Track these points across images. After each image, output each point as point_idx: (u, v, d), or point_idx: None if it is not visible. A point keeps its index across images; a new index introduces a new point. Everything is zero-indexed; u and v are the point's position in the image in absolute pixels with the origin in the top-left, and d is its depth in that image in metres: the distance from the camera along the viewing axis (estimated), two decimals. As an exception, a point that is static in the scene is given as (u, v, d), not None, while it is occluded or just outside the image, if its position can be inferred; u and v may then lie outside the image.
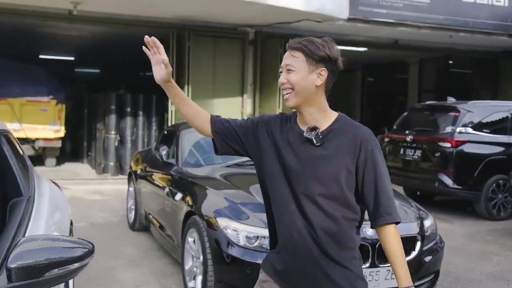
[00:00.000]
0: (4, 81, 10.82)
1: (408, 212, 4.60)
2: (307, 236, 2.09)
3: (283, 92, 2.15)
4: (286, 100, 2.14)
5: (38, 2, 9.51)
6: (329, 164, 2.08)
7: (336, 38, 10.38)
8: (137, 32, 11.38)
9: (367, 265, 3.90)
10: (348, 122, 2.18)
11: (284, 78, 2.12)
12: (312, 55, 2.13)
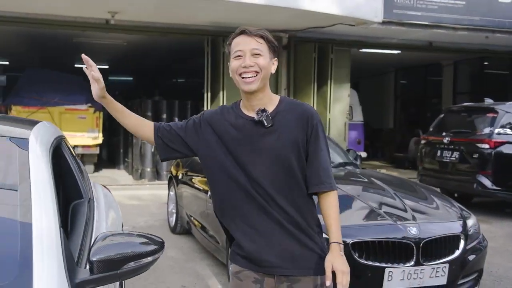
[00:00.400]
0: (44, 91, 11.19)
1: (450, 212, 4.69)
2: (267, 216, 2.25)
3: (246, 75, 2.22)
4: (249, 84, 2.22)
5: (76, 12, 9.84)
6: (281, 142, 2.24)
7: (369, 41, 10.47)
8: (172, 39, 11.71)
9: (411, 263, 3.99)
10: (292, 102, 2.35)
11: (252, 62, 2.21)
12: (272, 45, 2.29)
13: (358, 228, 4.19)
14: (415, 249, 4.02)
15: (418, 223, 4.22)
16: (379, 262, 3.96)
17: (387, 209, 4.51)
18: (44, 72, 12.29)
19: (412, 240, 4.03)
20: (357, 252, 3.96)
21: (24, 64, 17.92)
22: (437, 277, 4.07)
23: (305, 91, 11.36)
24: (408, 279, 3.98)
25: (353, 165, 6.20)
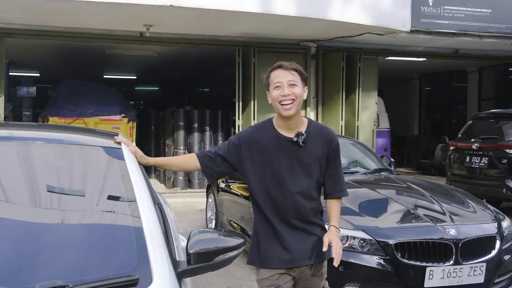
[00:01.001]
0: (79, 102, 11.60)
1: (486, 214, 4.96)
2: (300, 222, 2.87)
3: (285, 103, 2.78)
4: (288, 110, 2.78)
5: (111, 26, 10.23)
6: (311, 159, 2.86)
7: (396, 50, 10.75)
8: (203, 50, 12.09)
9: (451, 262, 4.28)
10: (317, 125, 3.00)
11: (289, 91, 2.77)
12: (304, 76, 2.87)
13: (400, 230, 4.51)
14: (454, 249, 4.31)
15: (456, 224, 4.51)
16: (420, 261, 4.26)
17: (426, 212, 4.80)
18: (79, 83, 12.72)
19: (451, 241, 4.32)
20: (399, 252, 4.26)
21: (54, 76, 18.49)
22: (475, 275, 4.35)
23: (334, 99, 11.63)
24: (448, 278, 4.27)
25: (388, 171, 6.50)
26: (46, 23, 9.86)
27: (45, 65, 16.05)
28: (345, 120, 11.62)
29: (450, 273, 4.27)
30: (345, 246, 4.36)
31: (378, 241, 4.32)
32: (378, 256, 4.30)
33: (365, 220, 4.62)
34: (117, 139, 2.76)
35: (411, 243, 4.29)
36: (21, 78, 17.28)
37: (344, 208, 4.65)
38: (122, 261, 1.97)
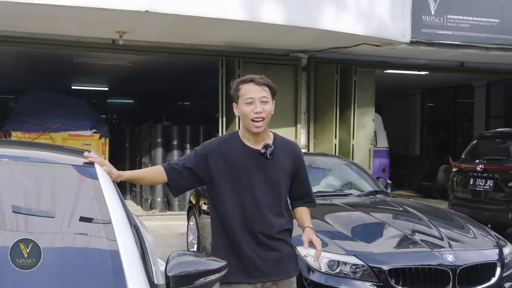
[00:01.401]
0: (46, 115, 11.72)
1: (486, 240, 5.23)
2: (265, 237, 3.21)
3: (257, 120, 3.11)
4: (259, 128, 3.13)
5: (81, 32, 10.41)
6: (278, 171, 3.24)
7: (396, 62, 11.05)
8: (182, 60, 12.32)
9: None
10: (283, 139, 3.38)
11: (261, 108, 3.11)
12: (273, 91, 3.22)
13: (394, 255, 4.75)
14: (452, 276, 4.56)
15: (454, 250, 4.76)
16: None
17: (423, 237, 5.05)
18: (45, 94, 12.83)
19: (448, 267, 4.57)
20: (393, 279, 4.50)
21: (16, 86, 18.64)
22: (473, 305, 4.59)
23: (327, 116, 11.86)
24: (445, 306, 4.50)
25: (384, 194, 6.76)
26: (13, 29, 10.03)
27: (6, 74, 16.15)
28: (340, 139, 11.84)
29: (446, 300, 4.50)
30: (336, 271, 4.59)
31: (371, 267, 4.55)
32: (371, 283, 4.52)
33: (358, 245, 4.85)
34: (88, 159, 2.89)
35: (406, 269, 4.53)
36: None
37: (336, 233, 4.96)
38: (98, 285, 2.15)
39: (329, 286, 4.57)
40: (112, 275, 2.19)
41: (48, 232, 2.48)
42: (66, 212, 2.62)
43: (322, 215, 5.40)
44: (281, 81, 11.81)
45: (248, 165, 3.19)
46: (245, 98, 3.13)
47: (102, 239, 2.42)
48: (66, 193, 2.76)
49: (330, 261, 4.63)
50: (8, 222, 2.50)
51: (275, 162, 3.22)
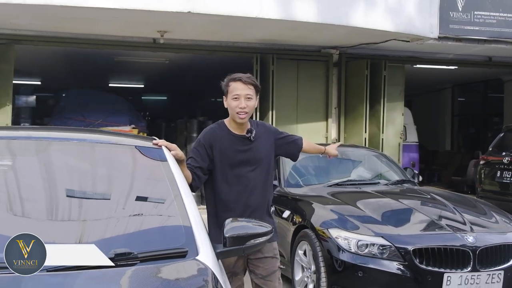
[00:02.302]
0: (88, 112, 12.38)
1: (506, 224, 5.62)
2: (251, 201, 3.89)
3: (241, 113, 3.77)
4: (242, 119, 3.80)
5: (123, 32, 10.97)
6: (263, 150, 3.95)
7: (424, 57, 11.38)
8: (218, 57, 12.80)
9: (468, 269, 4.93)
10: (257, 122, 4.11)
11: (245, 104, 3.76)
12: (258, 89, 3.89)
13: (418, 237, 5.19)
14: (472, 256, 4.96)
15: (475, 232, 5.17)
16: (438, 267, 4.93)
17: (447, 222, 5.46)
18: (87, 92, 13.54)
19: (469, 248, 4.99)
20: (418, 258, 4.93)
21: (55, 85, 19.36)
22: (493, 283, 5.00)
23: (357, 110, 12.23)
24: (466, 284, 4.92)
25: (411, 183, 7.16)
26: (57, 30, 10.60)
27: (48, 73, 16.82)
28: (369, 133, 12.20)
29: (467, 279, 4.92)
30: (365, 252, 5.03)
31: (397, 247, 4.98)
32: (397, 262, 4.96)
33: (386, 228, 5.29)
34: (159, 143, 3.45)
35: (429, 249, 4.95)
36: (21, 86, 18.12)
37: (366, 217, 5.42)
38: (175, 240, 2.67)
39: (358, 265, 5.02)
40: (184, 233, 2.71)
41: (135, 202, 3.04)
42: (147, 186, 3.21)
43: (354, 201, 5.86)
44: (312, 76, 12.26)
45: (236, 148, 3.86)
46: (232, 94, 3.80)
47: (176, 208, 2.90)
48: (144, 171, 3.33)
49: (359, 242, 5.08)
50: (96, 195, 3.04)
51: (258, 143, 3.94)
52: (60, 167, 3.16)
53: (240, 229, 2.91)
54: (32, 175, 3.04)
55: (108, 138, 3.73)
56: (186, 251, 2.56)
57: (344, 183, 6.81)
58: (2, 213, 2.72)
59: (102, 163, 3.30)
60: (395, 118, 12.65)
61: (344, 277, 5.15)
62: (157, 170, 3.23)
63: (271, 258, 3.93)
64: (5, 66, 10.73)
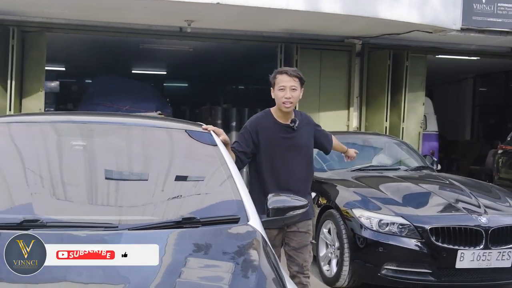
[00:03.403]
0: (115, 98, 13.01)
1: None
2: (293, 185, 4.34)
3: (286, 103, 4.26)
4: (287, 108, 4.30)
5: (151, 21, 11.51)
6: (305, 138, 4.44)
7: (447, 48, 11.88)
8: (240, 45, 13.33)
9: (481, 247, 5.53)
10: (300, 113, 4.57)
11: (290, 95, 4.26)
12: (302, 81, 4.37)
13: (435, 217, 5.79)
14: (484, 235, 5.54)
15: (488, 214, 5.75)
16: (452, 245, 5.53)
17: (462, 204, 6.05)
18: (114, 79, 14.17)
19: (482, 228, 5.58)
20: (434, 236, 5.51)
21: (79, 71, 20.02)
22: (503, 260, 5.60)
23: (378, 100, 12.69)
24: (477, 260, 5.52)
25: (430, 169, 7.74)
26: (87, 18, 11.20)
27: (72, 59, 17.42)
28: (390, 122, 12.67)
29: (479, 256, 5.51)
30: (386, 230, 5.63)
31: (415, 226, 5.58)
32: (415, 240, 5.56)
33: (405, 209, 5.88)
34: (208, 128, 4.03)
35: (445, 228, 5.55)
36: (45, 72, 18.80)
37: (388, 199, 6.02)
38: (229, 210, 3.26)
39: (379, 242, 5.63)
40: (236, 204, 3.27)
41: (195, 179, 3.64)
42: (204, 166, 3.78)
43: (377, 185, 6.46)
44: (335, 66, 12.75)
45: (280, 136, 4.35)
46: (279, 86, 4.29)
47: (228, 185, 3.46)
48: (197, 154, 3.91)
49: (380, 221, 5.68)
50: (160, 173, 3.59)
51: (302, 132, 4.43)
52: (127, 148, 3.79)
53: (281, 202, 3.49)
54: (105, 154, 3.66)
55: (160, 123, 4.34)
56: (238, 218, 3.14)
57: (366, 168, 7.43)
58: (90, 187, 3.32)
59: (160, 145, 3.89)
60: (416, 108, 13.10)
61: (366, 252, 5.76)
62: (210, 153, 3.79)
63: (304, 233, 4.41)
64: (38, 54, 11.34)
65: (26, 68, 11.33)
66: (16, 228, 2.71)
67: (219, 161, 3.65)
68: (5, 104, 10.74)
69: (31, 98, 11.23)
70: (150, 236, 2.84)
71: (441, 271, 5.59)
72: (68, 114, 6.11)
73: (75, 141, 3.76)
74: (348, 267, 5.92)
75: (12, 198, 3.17)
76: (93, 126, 3.94)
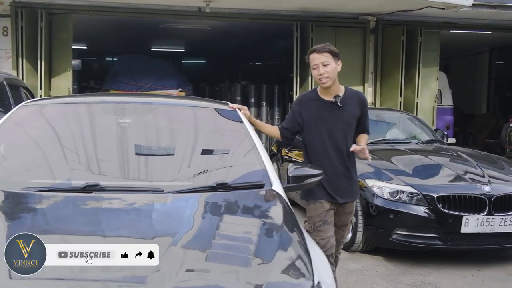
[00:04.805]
0: (138, 76, 13.57)
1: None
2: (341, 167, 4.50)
3: (322, 80, 4.33)
4: (324, 84, 4.35)
5: (171, 2, 11.95)
6: (349, 117, 4.45)
7: (460, 23, 12.31)
8: (257, 23, 13.77)
9: (484, 213, 6.04)
10: (352, 91, 4.61)
11: (324, 70, 4.31)
12: (334, 53, 4.38)
13: (442, 186, 6.30)
14: (488, 203, 6.05)
15: (492, 183, 6.25)
16: (458, 211, 6.04)
17: (468, 175, 6.54)
18: (137, 58, 14.71)
19: (485, 196, 6.08)
20: (441, 204, 6.03)
21: (100, 49, 20.60)
22: (505, 225, 6.11)
23: (393, 75, 13.14)
24: (481, 226, 6.03)
25: (440, 142, 8.24)
26: (110, 0, 11.79)
27: (94, 39, 17.97)
28: (404, 97, 13.13)
29: (483, 222, 6.02)
30: (396, 198, 6.16)
31: (423, 195, 6.10)
32: (423, 207, 6.08)
33: (415, 179, 6.39)
34: (234, 106, 4.55)
35: (451, 196, 6.06)
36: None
37: (399, 170, 6.54)
38: (255, 177, 3.76)
39: (390, 209, 6.17)
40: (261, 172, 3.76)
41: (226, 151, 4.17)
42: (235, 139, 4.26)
43: (389, 157, 6.98)
44: (350, 42, 13.17)
45: (322, 113, 4.44)
46: (312, 65, 4.39)
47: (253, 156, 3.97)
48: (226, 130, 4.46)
49: (391, 190, 6.21)
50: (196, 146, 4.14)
51: (345, 109, 4.44)
52: (166, 124, 4.37)
53: (299, 171, 4.01)
54: (148, 131, 4.24)
55: (193, 102, 4.89)
56: (263, 183, 3.65)
57: (379, 142, 7.94)
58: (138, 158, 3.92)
59: (195, 122, 4.45)
60: (430, 83, 13.51)
61: (378, 219, 6.31)
62: (236, 128, 4.31)
63: (349, 214, 4.65)
64: (65, 35, 11.89)
65: (54, 49, 11.91)
66: (81, 191, 3.29)
67: (244, 135, 4.17)
68: (36, 83, 11.33)
69: (59, 77, 11.81)
70: (190, 198, 3.38)
71: (447, 235, 6.11)
72: (111, 95, 6.81)
73: (121, 119, 4.34)
74: (362, 233, 6.49)
75: (75, 168, 3.73)
76: (136, 106, 4.53)
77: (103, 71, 18.45)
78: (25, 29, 11.42)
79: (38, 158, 3.86)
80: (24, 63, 11.45)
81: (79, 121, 4.27)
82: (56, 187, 3.38)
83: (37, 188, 3.33)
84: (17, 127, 4.17)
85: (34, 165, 3.79)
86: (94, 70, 21.61)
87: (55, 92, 11.60)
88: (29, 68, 11.52)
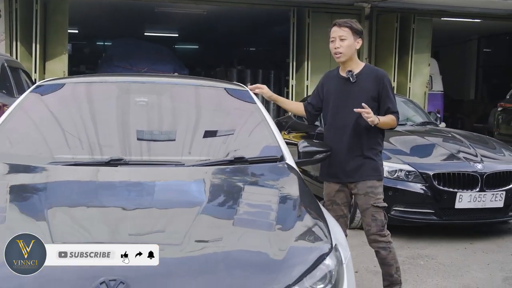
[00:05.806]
0: (134, 60, 13.79)
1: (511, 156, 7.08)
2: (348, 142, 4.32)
3: (336, 54, 4.18)
4: (338, 58, 4.20)
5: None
6: (361, 94, 4.20)
7: (451, 11, 12.75)
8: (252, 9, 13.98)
9: (477, 189, 6.45)
10: (371, 67, 4.44)
11: (339, 45, 4.16)
12: (355, 30, 4.22)
13: (437, 164, 6.69)
14: (480, 180, 6.45)
15: (483, 162, 6.63)
16: (452, 188, 6.45)
17: (462, 154, 6.93)
18: (131, 41, 14.90)
19: (478, 173, 6.48)
20: (436, 181, 6.41)
21: (91, 33, 20.63)
22: (496, 201, 6.54)
23: (386, 61, 13.50)
24: (474, 201, 6.45)
25: (433, 124, 8.62)
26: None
27: (86, 23, 17.91)
28: (397, 82, 13.53)
29: (475, 197, 6.43)
30: (394, 176, 6.52)
31: (420, 172, 6.49)
32: (420, 184, 6.47)
33: (412, 158, 6.77)
34: (252, 87, 4.79)
35: (446, 174, 6.46)
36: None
37: (397, 150, 6.91)
38: (269, 152, 4.02)
39: (389, 186, 6.48)
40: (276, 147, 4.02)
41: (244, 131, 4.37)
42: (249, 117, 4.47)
43: (387, 138, 7.20)
44: (345, 29, 13.46)
45: (338, 89, 4.32)
46: (330, 38, 4.24)
47: (266, 132, 4.23)
48: (239, 108, 4.70)
49: (390, 169, 6.55)
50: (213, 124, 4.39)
51: (359, 86, 4.22)
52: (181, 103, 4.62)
53: (309, 147, 4.30)
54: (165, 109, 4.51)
55: (205, 82, 5.16)
56: (277, 157, 3.94)
57: (376, 124, 8.27)
58: (159, 134, 4.20)
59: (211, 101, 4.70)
60: (422, 69, 13.91)
61: (377, 196, 6.65)
62: (250, 107, 4.54)
63: (363, 196, 4.30)
64: (60, 18, 12.05)
65: (49, 32, 12.04)
66: (105, 165, 3.52)
67: (258, 114, 4.42)
68: (30, 66, 11.40)
69: (54, 61, 11.97)
70: (210, 171, 3.65)
71: (443, 211, 6.53)
72: (127, 75, 7.11)
73: (139, 97, 4.58)
74: (361, 209, 6.83)
75: (98, 143, 3.94)
76: (152, 85, 4.79)
77: (94, 55, 18.53)
78: (20, 11, 11.47)
79: (60, 135, 4.01)
80: (18, 46, 11.52)
81: (98, 100, 4.47)
82: (81, 161, 3.57)
83: (63, 162, 3.52)
84: (37, 105, 4.35)
85: (57, 142, 3.95)
86: (85, 54, 21.63)
87: (49, 75, 11.52)
88: (23, 51, 11.59)
